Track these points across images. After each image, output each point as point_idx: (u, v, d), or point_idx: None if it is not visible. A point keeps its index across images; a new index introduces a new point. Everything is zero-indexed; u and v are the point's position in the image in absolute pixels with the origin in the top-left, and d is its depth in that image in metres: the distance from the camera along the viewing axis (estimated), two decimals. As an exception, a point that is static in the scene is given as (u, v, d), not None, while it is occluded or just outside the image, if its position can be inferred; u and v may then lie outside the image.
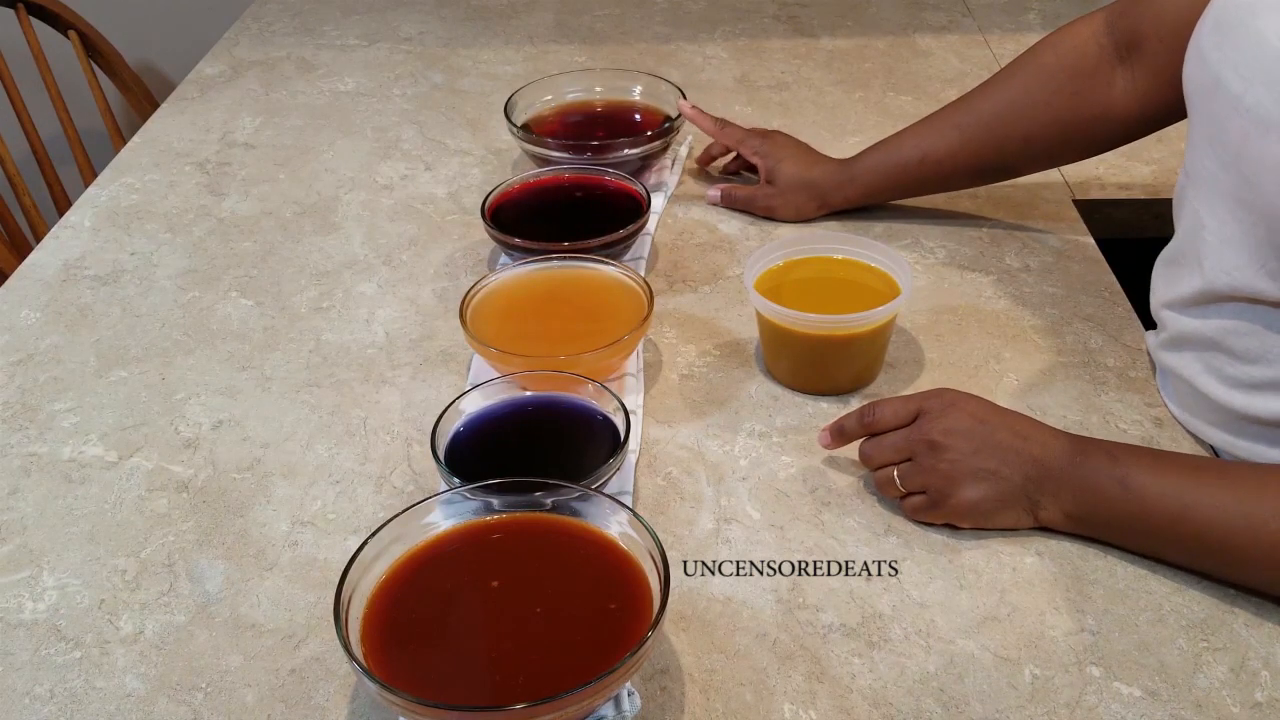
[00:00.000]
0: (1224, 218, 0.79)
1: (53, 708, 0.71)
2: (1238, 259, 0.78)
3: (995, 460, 0.77)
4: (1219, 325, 0.82)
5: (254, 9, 1.74)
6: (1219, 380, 0.83)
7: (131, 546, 0.82)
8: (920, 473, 0.79)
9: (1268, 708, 0.68)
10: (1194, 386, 0.85)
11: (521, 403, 0.86)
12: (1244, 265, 0.78)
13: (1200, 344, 0.84)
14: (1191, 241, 0.83)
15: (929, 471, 0.78)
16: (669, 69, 1.47)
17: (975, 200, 1.17)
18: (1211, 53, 0.79)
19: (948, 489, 0.78)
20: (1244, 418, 0.82)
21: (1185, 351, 0.86)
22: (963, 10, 1.62)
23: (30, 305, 1.09)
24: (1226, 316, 0.81)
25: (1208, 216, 0.81)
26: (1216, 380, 0.83)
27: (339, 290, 1.09)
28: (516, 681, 0.64)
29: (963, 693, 0.69)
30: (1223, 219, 0.79)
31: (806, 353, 0.92)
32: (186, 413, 0.95)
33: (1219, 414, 0.84)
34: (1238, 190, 0.77)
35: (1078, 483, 0.76)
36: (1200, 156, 0.81)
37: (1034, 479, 0.77)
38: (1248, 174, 0.75)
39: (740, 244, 1.13)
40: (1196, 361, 0.85)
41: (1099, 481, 0.75)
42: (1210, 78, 0.78)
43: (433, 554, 0.72)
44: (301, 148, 1.35)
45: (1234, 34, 0.77)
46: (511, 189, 1.12)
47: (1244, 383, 0.81)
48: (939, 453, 0.78)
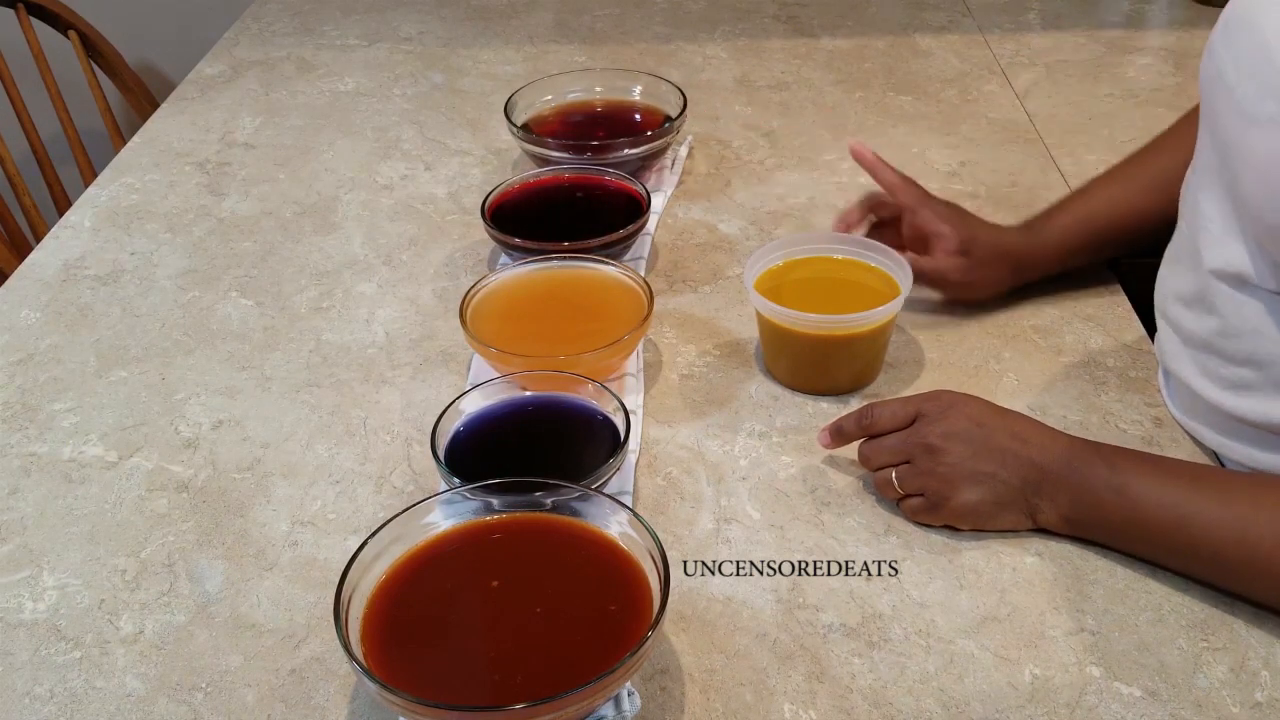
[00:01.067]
0: (1224, 209, 0.80)
1: (53, 708, 0.71)
2: (1234, 250, 0.79)
3: (993, 464, 0.77)
4: (1212, 326, 0.82)
5: (254, 9, 1.74)
6: (1213, 382, 0.83)
7: (131, 546, 0.82)
8: (918, 475, 0.79)
9: (1268, 708, 0.68)
10: (1190, 388, 0.85)
11: (521, 403, 0.86)
12: (1239, 256, 0.78)
13: (1196, 345, 0.84)
14: (1193, 235, 0.84)
15: (927, 474, 0.79)
16: (669, 69, 1.47)
17: (975, 200, 1.17)
18: (1219, 47, 0.80)
19: (945, 492, 0.78)
20: (1235, 419, 0.82)
21: (1183, 353, 0.86)
22: (963, 10, 1.62)
23: (30, 305, 1.09)
24: (1220, 315, 0.81)
25: (1208, 207, 0.81)
26: (1210, 382, 0.83)
27: (339, 290, 1.09)
28: (516, 681, 0.64)
29: (963, 693, 0.69)
30: (1223, 211, 0.80)
31: (806, 353, 0.92)
32: (186, 413, 0.95)
33: (1213, 415, 0.84)
34: (1230, 183, 0.78)
35: (1075, 487, 0.76)
36: (1204, 149, 0.82)
37: (1031, 482, 0.77)
38: (1235, 167, 0.76)
39: (740, 244, 1.13)
40: (1193, 363, 0.85)
41: (1096, 488, 0.75)
42: (1215, 71, 0.79)
43: (433, 554, 0.72)
44: (301, 148, 1.35)
45: (1238, 29, 0.78)
46: (511, 189, 1.12)
47: (1235, 384, 0.81)
48: (937, 456, 0.78)
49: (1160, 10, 1.60)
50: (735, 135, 1.32)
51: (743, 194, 1.21)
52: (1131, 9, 1.60)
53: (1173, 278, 0.88)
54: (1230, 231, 0.79)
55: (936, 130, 1.31)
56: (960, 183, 1.21)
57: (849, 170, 1.24)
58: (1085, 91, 1.38)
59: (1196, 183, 0.84)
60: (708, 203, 1.20)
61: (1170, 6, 1.60)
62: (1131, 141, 1.26)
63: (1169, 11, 1.59)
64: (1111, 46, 1.49)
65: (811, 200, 1.19)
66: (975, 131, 1.31)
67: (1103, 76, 1.41)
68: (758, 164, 1.27)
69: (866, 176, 1.24)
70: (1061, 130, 1.30)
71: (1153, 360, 0.95)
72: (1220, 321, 0.81)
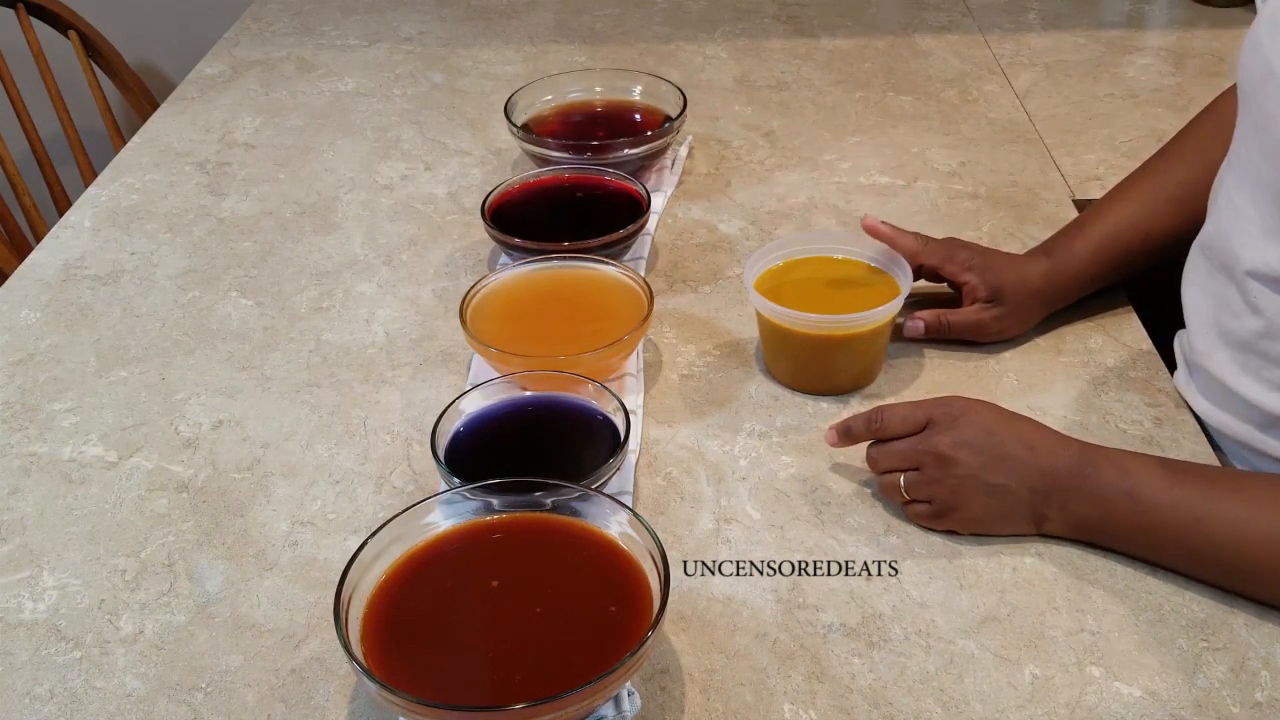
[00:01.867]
0: (1264, 209, 0.79)
1: (53, 708, 0.71)
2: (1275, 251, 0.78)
3: (1002, 474, 0.77)
4: (1255, 327, 0.82)
5: (254, 9, 1.74)
6: (1255, 380, 0.83)
7: (131, 546, 0.82)
8: (927, 483, 0.79)
9: (1268, 708, 0.68)
10: (1225, 384, 0.85)
11: (521, 403, 0.86)
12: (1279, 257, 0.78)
13: (1235, 344, 0.84)
14: (1225, 234, 0.84)
15: (935, 483, 0.78)
16: (669, 69, 1.47)
17: (975, 200, 1.17)
18: (1267, 43, 0.79)
19: (953, 502, 0.78)
20: (1274, 417, 0.82)
21: (1218, 349, 0.86)
22: (963, 10, 1.62)
23: (30, 305, 1.09)
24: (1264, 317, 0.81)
25: (1248, 208, 0.81)
26: (1253, 380, 0.83)
27: (339, 290, 1.09)
28: (516, 681, 0.64)
29: (963, 693, 0.69)
30: (1263, 211, 0.79)
31: (806, 353, 0.92)
32: (186, 413, 0.95)
33: (1250, 411, 0.84)
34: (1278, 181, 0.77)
35: (1085, 495, 0.76)
36: (1248, 148, 0.82)
37: (1040, 491, 0.77)
38: None
39: (740, 244, 1.13)
40: (1231, 361, 0.85)
41: (1108, 495, 0.75)
42: (1264, 68, 0.79)
43: (433, 554, 0.72)
44: (301, 148, 1.35)
45: None
46: (511, 189, 1.12)
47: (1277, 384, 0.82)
48: (947, 466, 0.78)
49: (1160, 10, 1.60)
50: (735, 135, 1.32)
51: (743, 194, 1.21)
52: (1131, 9, 1.60)
53: (1202, 275, 0.88)
54: (1272, 232, 0.78)
55: (936, 130, 1.31)
56: (960, 183, 1.21)
57: (849, 170, 1.24)
58: (1085, 91, 1.38)
59: (1234, 181, 0.83)
60: (708, 203, 1.20)
61: (1170, 6, 1.60)
62: (1131, 141, 1.26)
63: (1169, 11, 1.59)
64: (1111, 46, 1.49)
65: (811, 200, 1.19)
66: (975, 131, 1.31)
67: (1103, 76, 1.41)
68: (758, 164, 1.27)
69: (866, 177, 1.25)
70: (1061, 130, 1.30)
71: (1153, 360, 0.95)
72: (1265, 323, 0.81)
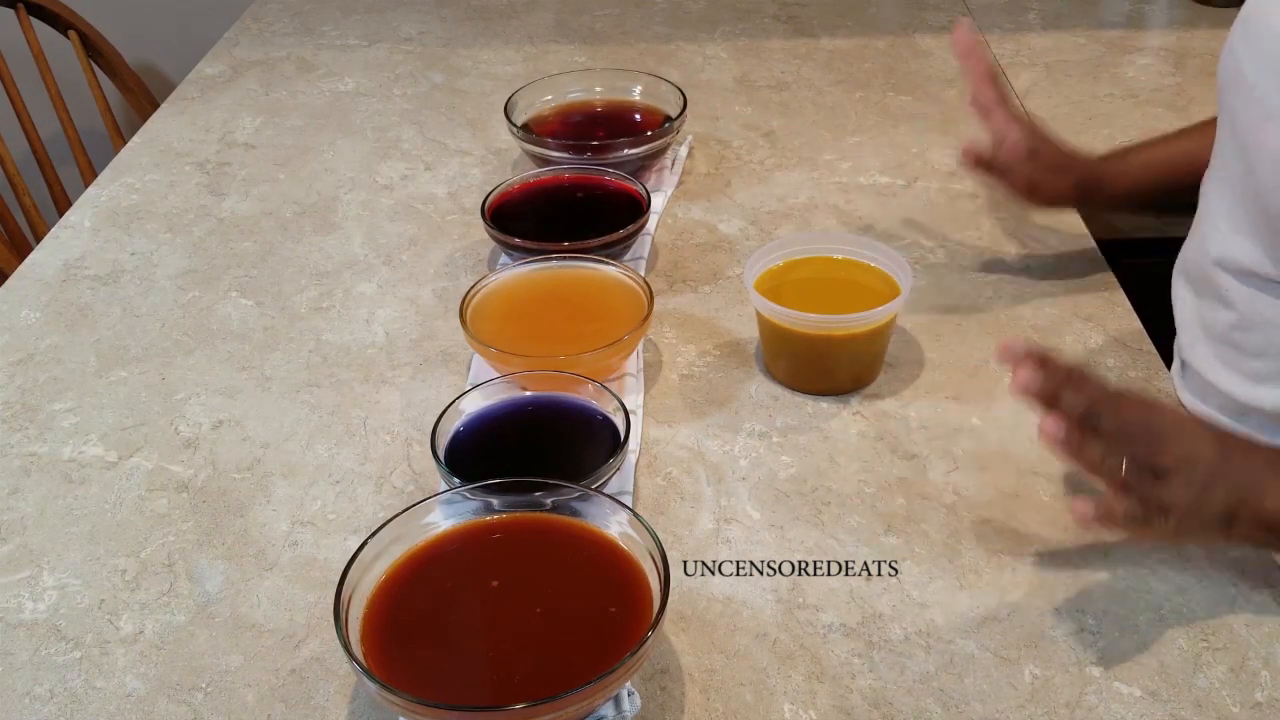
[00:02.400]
0: (1232, 205, 0.81)
1: (53, 708, 0.71)
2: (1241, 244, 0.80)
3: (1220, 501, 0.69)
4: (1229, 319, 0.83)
5: (254, 9, 1.74)
6: (1232, 372, 0.85)
7: (131, 546, 0.82)
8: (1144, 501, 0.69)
9: (1268, 708, 0.68)
10: (1204, 378, 0.86)
11: (521, 403, 0.86)
12: (1246, 250, 0.79)
13: (1215, 337, 0.86)
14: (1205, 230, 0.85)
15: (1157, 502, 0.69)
16: (669, 69, 1.47)
17: (975, 200, 1.17)
18: (1238, 44, 0.81)
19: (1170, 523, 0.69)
20: (1250, 408, 0.83)
21: (1200, 343, 0.88)
22: (963, 10, 1.62)
23: (30, 305, 1.09)
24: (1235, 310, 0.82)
25: (1218, 203, 0.82)
26: (1230, 372, 0.85)
27: (339, 290, 1.09)
28: (516, 681, 0.64)
29: (963, 693, 0.69)
30: (1231, 206, 0.81)
31: (806, 353, 0.92)
32: (186, 413, 0.95)
33: (1228, 404, 0.86)
34: (1245, 178, 0.79)
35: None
36: (1222, 147, 0.83)
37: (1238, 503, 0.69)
38: (1252, 161, 0.77)
39: (740, 244, 1.13)
40: (1212, 355, 0.87)
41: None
42: (1234, 68, 0.80)
43: (433, 554, 0.72)
44: (301, 148, 1.35)
45: (1255, 27, 0.79)
46: (511, 189, 1.12)
47: (1253, 376, 0.83)
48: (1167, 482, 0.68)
49: (1160, 10, 1.60)
50: (735, 135, 1.32)
51: (743, 194, 1.21)
52: (1131, 9, 1.60)
53: (1189, 271, 0.90)
54: (1239, 227, 0.80)
55: (936, 130, 1.31)
56: (960, 183, 1.21)
57: (849, 170, 1.24)
58: (1085, 91, 1.38)
59: (1209, 178, 0.85)
60: (708, 203, 1.20)
61: (1170, 6, 1.60)
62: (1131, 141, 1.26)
63: (1169, 11, 1.59)
64: (1111, 46, 1.49)
65: (811, 200, 1.19)
66: (975, 131, 1.30)
67: (1103, 76, 1.41)
68: (758, 164, 1.27)
69: (866, 177, 1.25)
70: (1061, 130, 1.29)
71: (1153, 360, 0.95)
72: (1236, 315, 0.82)
